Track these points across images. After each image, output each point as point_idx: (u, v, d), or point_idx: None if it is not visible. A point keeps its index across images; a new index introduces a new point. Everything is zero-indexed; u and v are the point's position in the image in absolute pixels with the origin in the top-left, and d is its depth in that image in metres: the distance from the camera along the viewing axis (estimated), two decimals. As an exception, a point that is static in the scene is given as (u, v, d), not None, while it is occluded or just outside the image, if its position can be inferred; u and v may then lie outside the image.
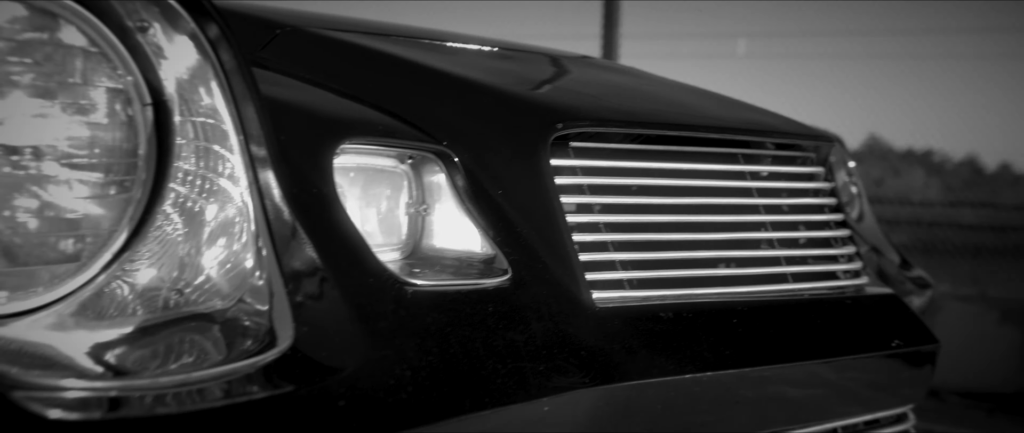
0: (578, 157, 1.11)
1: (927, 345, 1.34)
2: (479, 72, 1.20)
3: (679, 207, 1.18)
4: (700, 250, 1.18)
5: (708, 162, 1.24)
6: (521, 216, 1.04)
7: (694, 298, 1.14)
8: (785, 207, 1.33)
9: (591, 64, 1.51)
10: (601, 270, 1.08)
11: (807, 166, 1.40)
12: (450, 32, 1.44)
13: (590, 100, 1.22)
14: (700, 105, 1.34)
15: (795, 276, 1.28)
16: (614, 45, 3.20)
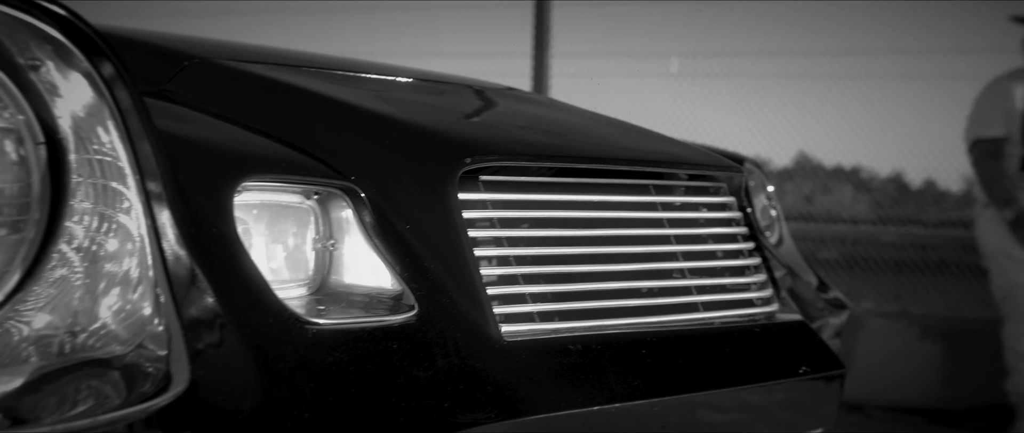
0: (488, 191, 1.12)
1: (834, 370, 1.38)
2: (390, 105, 1.20)
3: (590, 239, 1.20)
4: (611, 281, 1.20)
5: (620, 194, 1.25)
6: (429, 251, 1.04)
7: (604, 329, 1.15)
8: (697, 237, 1.35)
9: (508, 96, 1.52)
10: (510, 303, 1.09)
11: (719, 196, 1.43)
12: (368, 62, 1.44)
13: (501, 133, 1.23)
14: (614, 137, 1.36)
15: (706, 305, 1.30)
16: (545, 64, 3.22)
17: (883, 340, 3.75)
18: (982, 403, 3.61)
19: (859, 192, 7.04)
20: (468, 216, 1.08)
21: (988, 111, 3.29)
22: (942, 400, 3.68)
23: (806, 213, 6.18)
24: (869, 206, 6.87)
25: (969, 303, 4.04)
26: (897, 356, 3.73)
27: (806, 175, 6.77)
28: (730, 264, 1.39)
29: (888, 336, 3.75)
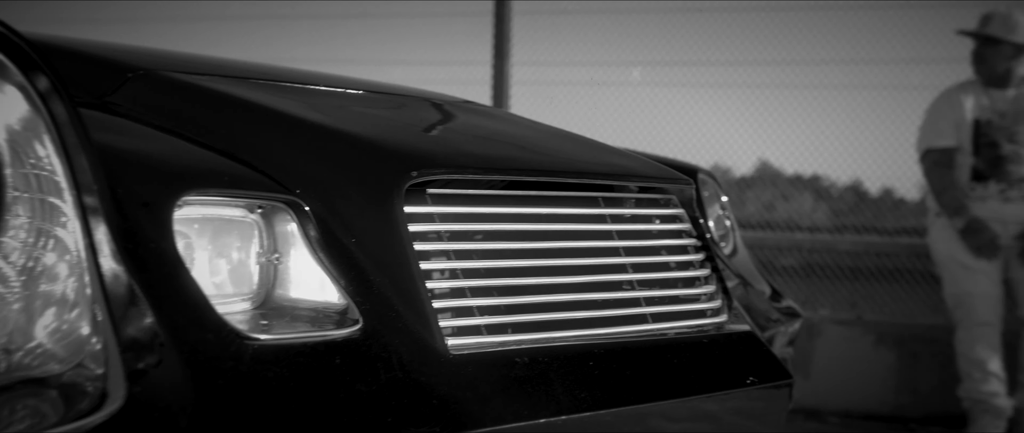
0: (436, 204, 1.12)
1: (781, 380, 1.39)
2: (337, 118, 1.19)
3: (539, 251, 1.20)
4: (559, 294, 1.20)
5: (569, 206, 1.26)
6: (374, 265, 1.04)
7: (552, 342, 1.16)
8: (646, 249, 1.36)
9: (458, 108, 1.52)
10: (457, 316, 1.09)
11: (669, 207, 1.44)
12: (318, 74, 1.43)
13: (449, 146, 1.23)
14: (563, 150, 1.37)
15: (655, 316, 1.31)
16: (505, 72, 3.23)
17: (840, 347, 3.80)
18: (936, 409, 3.66)
19: (818, 200, 7.12)
20: (414, 229, 1.08)
21: (939, 121, 3.35)
22: (897, 406, 3.73)
23: (766, 221, 6.23)
24: (828, 214, 6.95)
25: (923, 310, 4.10)
26: (853, 363, 3.78)
27: (767, 183, 6.84)
28: (680, 275, 1.41)
29: (844, 343, 3.80)
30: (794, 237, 4.63)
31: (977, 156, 3.29)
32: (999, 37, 3.26)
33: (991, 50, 3.28)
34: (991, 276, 3.25)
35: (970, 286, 3.25)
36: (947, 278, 3.34)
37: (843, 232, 5.72)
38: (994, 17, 3.33)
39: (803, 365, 3.80)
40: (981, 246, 3.23)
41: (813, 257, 4.58)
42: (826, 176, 6.75)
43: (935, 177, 3.33)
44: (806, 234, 5.21)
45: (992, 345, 3.23)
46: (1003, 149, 3.27)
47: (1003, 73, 3.30)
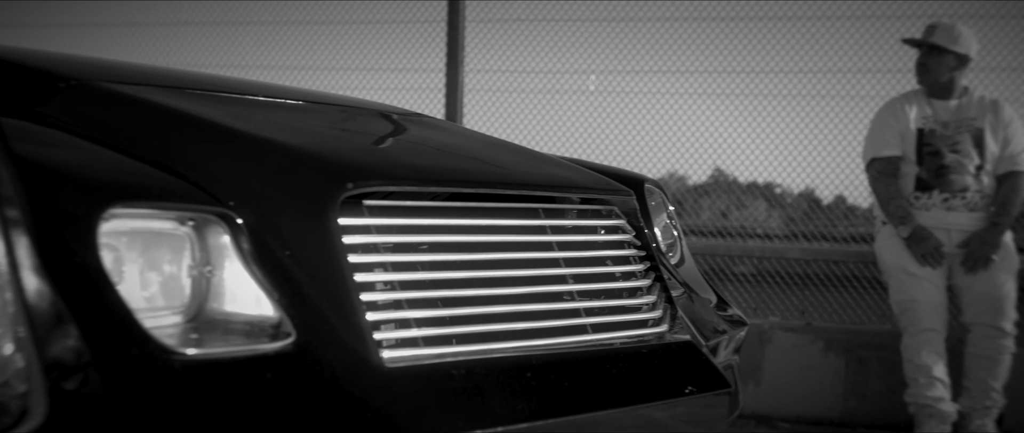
0: (373, 215, 1.12)
1: (720, 389, 1.40)
2: (273, 129, 1.19)
3: (478, 263, 1.20)
4: (498, 305, 1.20)
5: (509, 217, 1.26)
6: (308, 277, 1.03)
7: (490, 353, 1.16)
8: (587, 259, 1.37)
9: (400, 119, 1.52)
10: (392, 329, 1.08)
11: (611, 218, 1.45)
12: (258, 84, 1.42)
13: (387, 158, 1.23)
14: (504, 161, 1.37)
15: (595, 327, 1.31)
16: (458, 80, 3.23)
17: (789, 354, 3.84)
18: (883, 413, 3.72)
19: (772, 208, 7.21)
20: (350, 241, 1.07)
21: (883, 131, 3.40)
22: (846, 411, 3.78)
23: (721, 228, 6.29)
24: (781, 221, 7.04)
25: (871, 317, 4.16)
26: (803, 369, 3.82)
27: (722, 191, 6.90)
28: (621, 286, 1.41)
29: (794, 350, 3.84)
30: (746, 245, 4.69)
31: (921, 165, 3.35)
32: (943, 46, 3.32)
33: (935, 60, 3.35)
34: (936, 283, 3.31)
35: (916, 293, 3.31)
36: (893, 285, 3.40)
37: (796, 239, 5.79)
38: (938, 27, 3.39)
39: (754, 372, 3.85)
40: (926, 254, 3.29)
41: (765, 264, 4.63)
42: (779, 184, 6.84)
43: (880, 186, 3.39)
44: (758, 241, 5.26)
45: (937, 351, 3.29)
46: (946, 159, 3.33)
47: (946, 83, 3.37)
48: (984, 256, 3.28)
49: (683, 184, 7.04)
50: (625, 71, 5.44)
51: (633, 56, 5.49)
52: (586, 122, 5.33)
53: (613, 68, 5.47)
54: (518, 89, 4.32)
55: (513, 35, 4.25)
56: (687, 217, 6.92)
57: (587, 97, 5.50)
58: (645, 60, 5.49)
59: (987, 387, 3.31)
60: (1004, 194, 3.32)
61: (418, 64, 3.97)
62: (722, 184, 6.90)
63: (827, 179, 5.62)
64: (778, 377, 3.81)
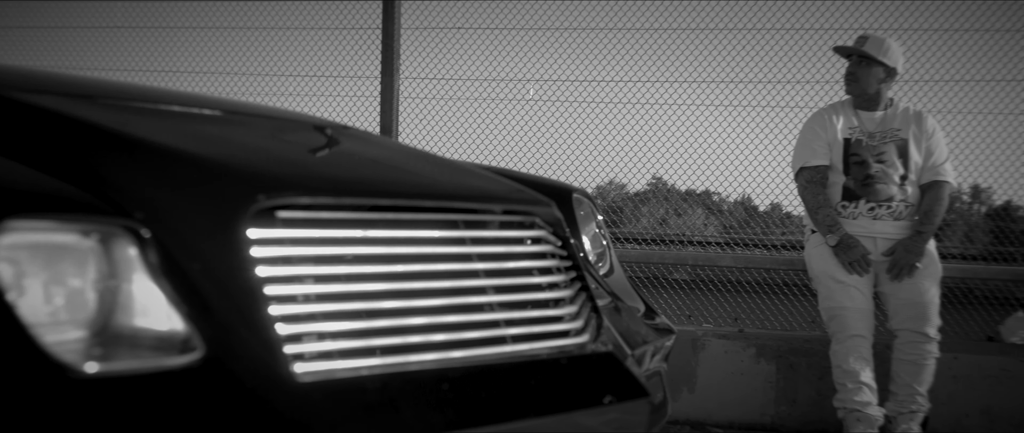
0: (286, 227, 1.11)
1: (638, 398, 1.42)
2: (184, 139, 1.17)
3: (395, 275, 1.20)
4: (415, 317, 1.20)
5: (428, 229, 1.26)
6: (218, 291, 1.02)
7: (406, 366, 1.16)
8: (508, 270, 1.37)
9: (320, 129, 1.51)
10: (305, 342, 1.07)
11: (533, 229, 1.46)
12: (173, 92, 1.40)
13: (302, 169, 1.22)
14: (424, 173, 1.37)
15: (514, 338, 1.32)
16: (394, 87, 3.21)
17: (722, 360, 3.89)
18: (813, 418, 3.79)
19: (710, 215, 7.31)
20: (261, 254, 1.06)
21: (812, 141, 3.47)
22: (777, 416, 3.84)
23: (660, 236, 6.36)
24: (719, 229, 7.14)
25: (801, 323, 4.24)
26: (735, 375, 3.88)
27: (660, 199, 6.98)
28: (543, 296, 1.42)
29: (726, 356, 3.89)
30: (680, 252, 4.74)
31: (847, 175, 3.43)
32: (873, 56, 3.40)
33: (864, 70, 3.43)
34: (863, 291, 3.39)
35: (844, 300, 3.38)
36: (822, 292, 3.47)
37: (732, 247, 5.88)
38: (869, 38, 3.48)
39: (688, 378, 3.89)
40: (853, 262, 3.37)
41: (701, 272, 4.69)
42: (717, 191, 6.94)
43: (809, 195, 3.45)
44: (692, 249, 5.33)
45: (864, 357, 3.36)
46: (872, 168, 3.41)
47: (873, 94, 3.45)
48: (909, 264, 3.36)
49: (623, 192, 7.11)
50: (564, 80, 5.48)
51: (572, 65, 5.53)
52: (526, 130, 5.35)
53: (553, 76, 5.50)
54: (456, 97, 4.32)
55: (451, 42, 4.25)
56: (626, 225, 6.98)
57: (527, 105, 5.52)
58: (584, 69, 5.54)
59: (912, 391, 3.39)
60: (928, 204, 3.41)
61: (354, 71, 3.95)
62: (661, 192, 6.98)
63: (763, 187, 5.72)
64: (711, 383, 3.86)
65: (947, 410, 3.70)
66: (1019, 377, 3.73)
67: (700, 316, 4.24)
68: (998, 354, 3.78)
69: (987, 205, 7.03)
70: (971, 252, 6.57)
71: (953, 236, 6.95)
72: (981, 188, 6.90)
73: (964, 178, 5.21)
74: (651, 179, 6.97)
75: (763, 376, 3.84)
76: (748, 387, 3.85)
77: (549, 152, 5.55)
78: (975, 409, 3.74)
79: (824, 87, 4.53)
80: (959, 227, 6.96)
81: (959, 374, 3.73)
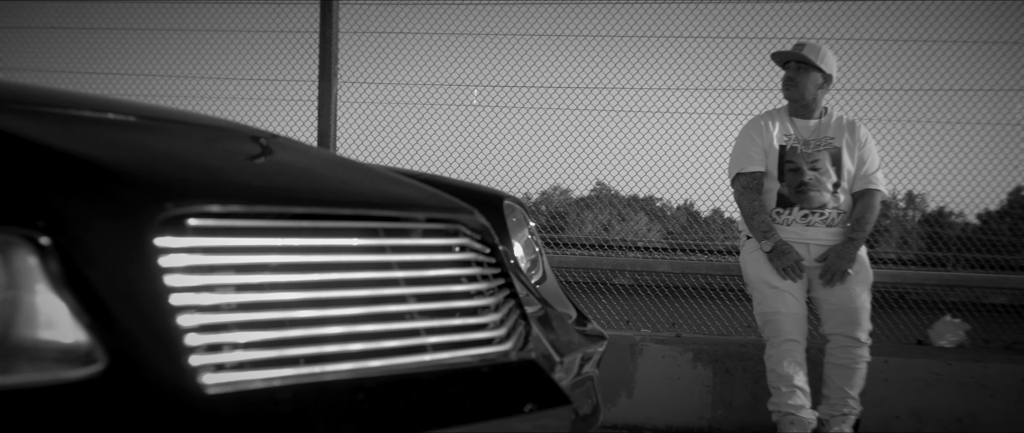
0: (197, 235, 1.09)
1: (560, 406, 1.42)
2: (94, 145, 1.14)
3: (311, 284, 1.18)
4: (331, 326, 1.18)
5: (347, 237, 1.25)
6: (123, 301, 1.00)
7: (321, 376, 1.14)
8: (429, 279, 1.36)
9: (238, 136, 1.49)
10: (214, 352, 1.05)
11: (456, 237, 1.45)
12: (88, 97, 1.37)
13: (215, 176, 1.20)
14: (343, 180, 1.36)
15: (435, 346, 1.31)
16: (331, 92, 3.18)
17: (659, 365, 3.93)
18: (748, 421, 3.84)
19: (653, 221, 7.37)
20: (170, 263, 1.04)
21: (748, 147, 3.52)
22: (713, 420, 3.88)
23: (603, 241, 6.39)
24: (662, 234, 7.20)
25: (737, 328, 4.30)
26: (672, 380, 3.91)
27: (604, 204, 7.02)
28: (465, 304, 1.41)
29: (664, 361, 3.93)
30: (618, 258, 4.77)
31: (782, 182, 3.49)
32: (810, 60, 3.46)
33: (803, 75, 3.49)
34: (797, 296, 3.44)
35: (778, 305, 3.43)
36: (757, 298, 3.52)
37: (675, 252, 5.93)
38: (806, 45, 3.54)
39: (626, 383, 3.92)
40: (787, 268, 3.42)
41: (642, 277, 4.73)
42: (660, 197, 7.00)
43: (745, 201, 3.50)
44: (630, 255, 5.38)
45: (798, 361, 3.42)
46: (806, 176, 3.47)
47: (810, 101, 3.51)
48: (841, 270, 3.42)
49: (567, 197, 7.14)
50: (508, 85, 5.49)
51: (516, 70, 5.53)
52: (470, 136, 5.35)
53: (497, 82, 5.51)
54: (397, 102, 4.30)
55: (392, 47, 4.23)
56: (571, 230, 7.01)
57: (471, 111, 5.52)
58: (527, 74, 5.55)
59: (844, 395, 3.46)
60: (859, 211, 3.48)
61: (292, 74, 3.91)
62: (604, 197, 7.03)
63: (704, 193, 5.79)
64: (649, 388, 3.89)
65: (878, 412, 3.78)
66: (947, 379, 3.82)
67: (639, 321, 4.27)
68: (927, 357, 3.87)
69: (921, 211, 7.20)
70: (906, 257, 6.71)
71: (889, 241, 7.10)
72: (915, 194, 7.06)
73: (899, 185, 5.34)
74: (595, 184, 7.01)
75: (700, 380, 3.88)
76: (685, 391, 3.88)
77: (493, 157, 5.55)
78: (905, 411, 3.82)
79: (762, 95, 4.60)
80: (895, 233, 7.12)
81: (890, 377, 3.82)
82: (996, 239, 5.73)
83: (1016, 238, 5.94)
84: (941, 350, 4.07)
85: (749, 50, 5.04)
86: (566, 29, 5.43)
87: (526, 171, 5.74)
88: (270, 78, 4.12)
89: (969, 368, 3.82)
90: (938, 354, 3.94)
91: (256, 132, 1.52)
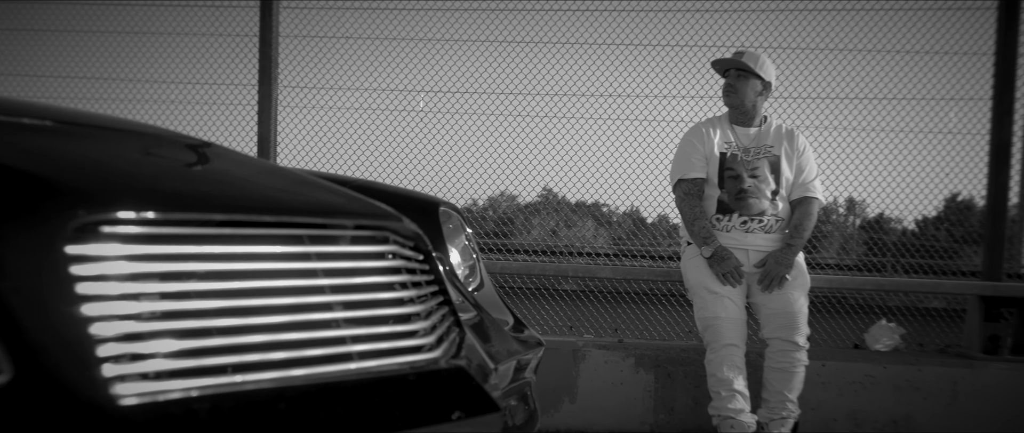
0: (113, 243, 1.06)
1: (489, 413, 1.42)
2: (6, 151, 1.11)
3: (231, 292, 1.16)
4: (253, 335, 1.17)
5: (270, 244, 1.23)
6: (32, 309, 0.97)
7: (242, 386, 1.12)
8: (357, 286, 1.35)
9: (162, 141, 1.46)
10: (129, 362, 1.03)
11: (386, 244, 1.44)
12: (6, 101, 1.34)
13: (132, 183, 1.17)
14: (269, 187, 1.34)
15: (361, 354, 1.30)
16: (272, 96, 3.14)
17: (602, 370, 3.95)
18: (690, 426, 3.88)
19: (600, 226, 7.41)
20: (82, 271, 1.02)
21: (690, 154, 3.56)
22: (656, 424, 3.91)
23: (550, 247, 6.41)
24: (609, 240, 7.25)
25: (679, 333, 4.33)
26: (615, 385, 3.93)
27: (551, 210, 7.04)
28: (395, 312, 1.40)
29: (606, 366, 3.95)
30: (560, 265, 4.79)
31: (722, 189, 3.53)
32: (749, 68, 3.51)
33: (743, 82, 3.54)
34: (736, 301, 3.48)
35: (718, 310, 3.47)
36: (697, 303, 3.55)
37: (620, 258, 5.97)
38: (746, 53, 3.59)
39: (569, 389, 3.93)
40: (726, 273, 3.46)
41: (587, 283, 4.75)
42: (606, 203, 7.05)
43: (686, 207, 3.54)
44: (581, 260, 5.40)
45: (737, 365, 3.46)
46: (745, 183, 3.52)
47: (750, 108, 3.56)
48: (779, 275, 3.47)
49: (514, 203, 7.15)
50: (455, 91, 5.48)
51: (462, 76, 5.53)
52: (416, 142, 5.33)
53: (443, 88, 5.50)
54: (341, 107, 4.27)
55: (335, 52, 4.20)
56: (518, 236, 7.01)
57: (417, 116, 5.50)
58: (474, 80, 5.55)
59: (783, 398, 3.50)
60: (797, 218, 3.54)
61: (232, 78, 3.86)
62: (551, 203, 7.05)
63: (650, 199, 5.84)
64: (592, 393, 3.90)
65: (816, 415, 3.84)
66: (882, 382, 3.90)
67: (582, 327, 4.29)
68: (863, 361, 3.94)
69: (861, 217, 7.34)
70: (847, 263, 6.83)
71: (829, 247, 7.23)
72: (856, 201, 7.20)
73: (839, 191, 5.44)
74: (542, 190, 7.04)
75: (642, 385, 3.91)
76: (628, 396, 3.91)
77: (440, 163, 5.54)
78: (842, 414, 3.89)
79: (704, 102, 4.65)
80: (835, 238, 7.24)
81: (827, 381, 3.88)
82: (933, 244, 5.86)
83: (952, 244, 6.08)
84: (877, 354, 4.15)
85: (691, 58, 5.09)
86: (512, 35, 5.45)
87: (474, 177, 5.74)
88: (209, 82, 4.06)
89: (903, 371, 3.89)
90: (874, 358, 4.02)
91: (182, 138, 1.49)
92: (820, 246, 5.37)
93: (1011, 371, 3.90)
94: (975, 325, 4.12)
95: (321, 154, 4.21)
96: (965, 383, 3.87)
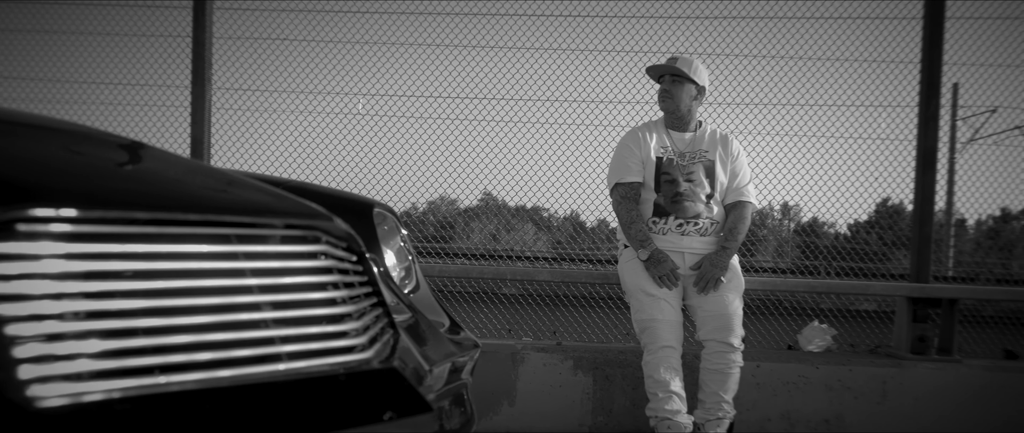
0: (30, 241, 1.04)
1: (422, 414, 1.41)
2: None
3: (154, 291, 1.15)
4: (178, 335, 1.15)
5: (196, 244, 1.21)
6: (-56, 310, 0.95)
7: (166, 387, 1.11)
8: (286, 286, 1.34)
9: (83, 139, 1.43)
10: (48, 364, 1.01)
11: (317, 244, 1.43)
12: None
13: (49, 180, 1.15)
14: (196, 186, 1.32)
15: (290, 355, 1.29)
16: (205, 97, 3.10)
17: (541, 372, 3.96)
18: (628, 427, 3.91)
19: (540, 231, 7.44)
20: (0, 270, 0.99)
21: (627, 158, 3.60)
22: (594, 426, 3.93)
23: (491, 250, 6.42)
24: (549, 244, 7.28)
25: (617, 335, 4.37)
26: (553, 387, 3.95)
27: (491, 214, 7.05)
28: (326, 312, 1.39)
29: (545, 369, 3.96)
30: (498, 267, 4.80)
31: (658, 192, 3.57)
32: (684, 73, 3.56)
33: (677, 88, 3.58)
34: (672, 303, 3.52)
35: (654, 313, 3.50)
36: (634, 305, 3.59)
37: (560, 262, 6.00)
38: (679, 58, 3.64)
39: (507, 391, 3.93)
40: (663, 276, 3.50)
41: (526, 286, 4.77)
42: (547, 208, 7.08)
43: (623, 211, 3.57)
44: (521, 264, 5.42)
45: (674, 367, 3.49)
46: (681, 187, 3.56)
47: (685, 113, 3.60)
48: (714, 277, 3.52)
49: (454, 207, 7.15)
50: (395, 95, 5.46)
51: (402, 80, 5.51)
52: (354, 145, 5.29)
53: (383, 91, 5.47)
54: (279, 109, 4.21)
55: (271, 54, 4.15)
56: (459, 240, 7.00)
57: (356, 120, 5.46)
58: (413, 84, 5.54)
59: (719, 399, 3.55)
60: (732, 221, 3.59)
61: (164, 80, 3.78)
62: (492, 208, 7.06)
63: (589, 203, 5.89)
64: (531, 396, 3.91)
65: (751, 416, 3.90)
66: (815, 383, 3.98)
67: (521, 330, 4.30)
68: (796, 362, 4.02)
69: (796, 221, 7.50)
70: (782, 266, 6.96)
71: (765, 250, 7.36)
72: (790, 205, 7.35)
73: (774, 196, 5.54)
74: (482, 194, 7.05)
75: (581, 388, 3.93)
76: (566, 399, 3.93)
77: (379, 167, 5.51)
78: (776, 414, 3.96)
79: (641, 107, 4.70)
80: (771, 242, 7.38)
81: (762, 381, 3.95)
82: (865, 248, 6.01)
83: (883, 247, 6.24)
84: (810, 354, 4.23)
85: (628, 64, 5.15)
86: (452, 40, 5.45)
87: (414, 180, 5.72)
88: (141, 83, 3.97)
89: (835, 371, 3.98)
90: (807, 358, 4.10)
91: (110, 137, 1.47)
92: (756, 250, 5.47)
93: (938, 371, 4.01)
94: (904, 326, 4.23)
95: (256, 156, 4.16)
96: (894, 382, 3.97)
